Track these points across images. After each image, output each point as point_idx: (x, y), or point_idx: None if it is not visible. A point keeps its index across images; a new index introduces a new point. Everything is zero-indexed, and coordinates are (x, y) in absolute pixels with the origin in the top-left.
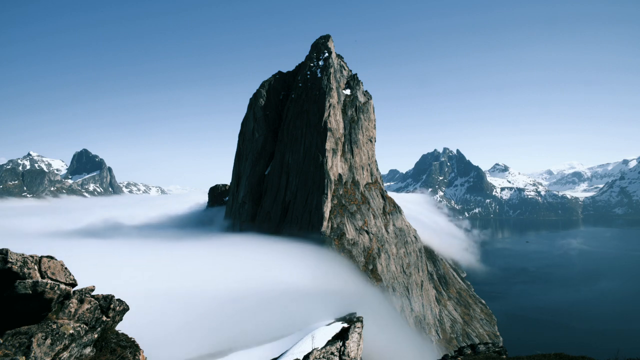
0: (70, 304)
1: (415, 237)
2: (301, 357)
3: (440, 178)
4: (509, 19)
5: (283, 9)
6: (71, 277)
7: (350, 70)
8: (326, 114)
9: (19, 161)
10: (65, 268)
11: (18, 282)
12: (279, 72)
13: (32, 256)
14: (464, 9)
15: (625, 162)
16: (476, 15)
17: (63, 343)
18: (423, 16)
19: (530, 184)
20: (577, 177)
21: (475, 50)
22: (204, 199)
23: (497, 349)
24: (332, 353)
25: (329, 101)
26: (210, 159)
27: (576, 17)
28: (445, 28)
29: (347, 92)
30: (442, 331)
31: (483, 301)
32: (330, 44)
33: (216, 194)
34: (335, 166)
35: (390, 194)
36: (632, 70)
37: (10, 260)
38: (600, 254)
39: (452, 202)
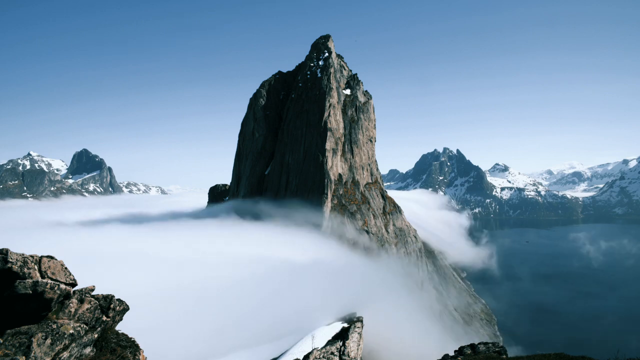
0: (70, 304)
1: (415, 236)
2: (301, 357)
3: (440, 178)
4: (509, 19)
5: (283, 9)
6: (71, 277)
7: (350, 70)
8: (326, 114)
9: (19, 161)
10: (65, 268)
11: (18, 282)
12: (279, 72)
13: (32, 256)
14: (465, 11)
15: (625, 162)
16: (477, 16)
17: (63, 343)
18: (424, 18)
19: (530, 184)
20: (577, 177)
21: (476, 50)
22: (204, 198)
23: (497, 349)
24: (332, 353)
25: (329, 101)
26: (210, 159)
27: (576, 18)
28: (446, 29)
29: (347, 92)
30: None
31: (483, 301)
32: (331, 44)
33: (216, 193)
34: (335, 166)
35: (391, 192)
36: (632, 70)
37: (11, 260)
38: (600, 253)
39: (452, 202)
